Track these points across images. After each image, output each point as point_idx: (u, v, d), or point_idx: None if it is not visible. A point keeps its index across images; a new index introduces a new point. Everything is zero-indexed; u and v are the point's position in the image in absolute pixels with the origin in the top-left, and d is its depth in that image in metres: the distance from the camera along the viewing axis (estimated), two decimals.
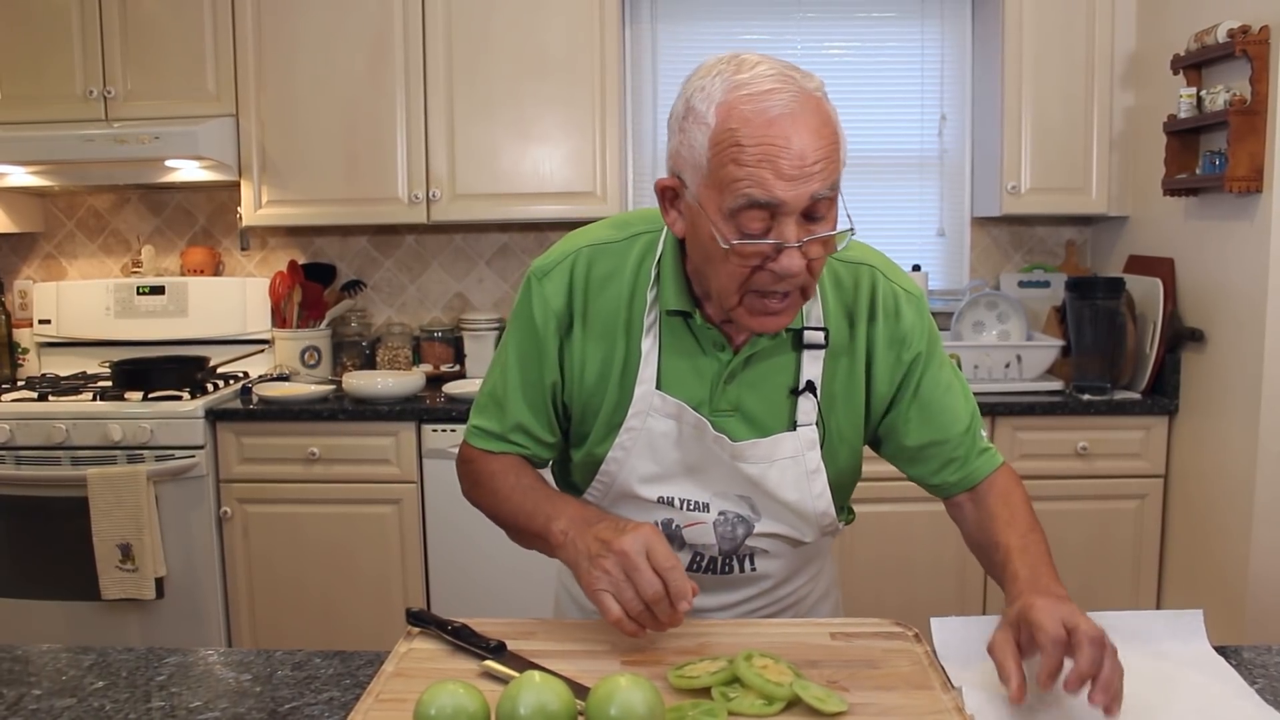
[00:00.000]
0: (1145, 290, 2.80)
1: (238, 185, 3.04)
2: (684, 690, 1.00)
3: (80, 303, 3.28)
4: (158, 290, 3.26)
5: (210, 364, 3.07)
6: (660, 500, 1.24)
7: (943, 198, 3.35)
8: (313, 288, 3.25)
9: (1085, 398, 2.76)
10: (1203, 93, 2.50)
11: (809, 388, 1.20)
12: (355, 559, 2.83)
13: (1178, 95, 2.57)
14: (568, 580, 1.42)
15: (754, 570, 1.29)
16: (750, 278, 1.07)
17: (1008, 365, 2.89)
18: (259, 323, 3.25)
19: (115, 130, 2.86)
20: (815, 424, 1.22)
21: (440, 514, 2.80)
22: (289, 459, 2.79)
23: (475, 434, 1.30)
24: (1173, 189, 2.66)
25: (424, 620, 1.16)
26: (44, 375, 3.18)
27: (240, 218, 3.08)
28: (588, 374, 1.23)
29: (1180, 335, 2.69)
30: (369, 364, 3.28)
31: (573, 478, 1.33)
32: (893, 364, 1.23)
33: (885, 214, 3.32)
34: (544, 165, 2.99)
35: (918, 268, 3.16)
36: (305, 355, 3.17)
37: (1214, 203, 2.55)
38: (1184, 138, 2.63)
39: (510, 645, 1.10)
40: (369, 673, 1.08)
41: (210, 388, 2.93)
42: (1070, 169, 2.96)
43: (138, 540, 2.66)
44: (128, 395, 2.82)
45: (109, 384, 2.92)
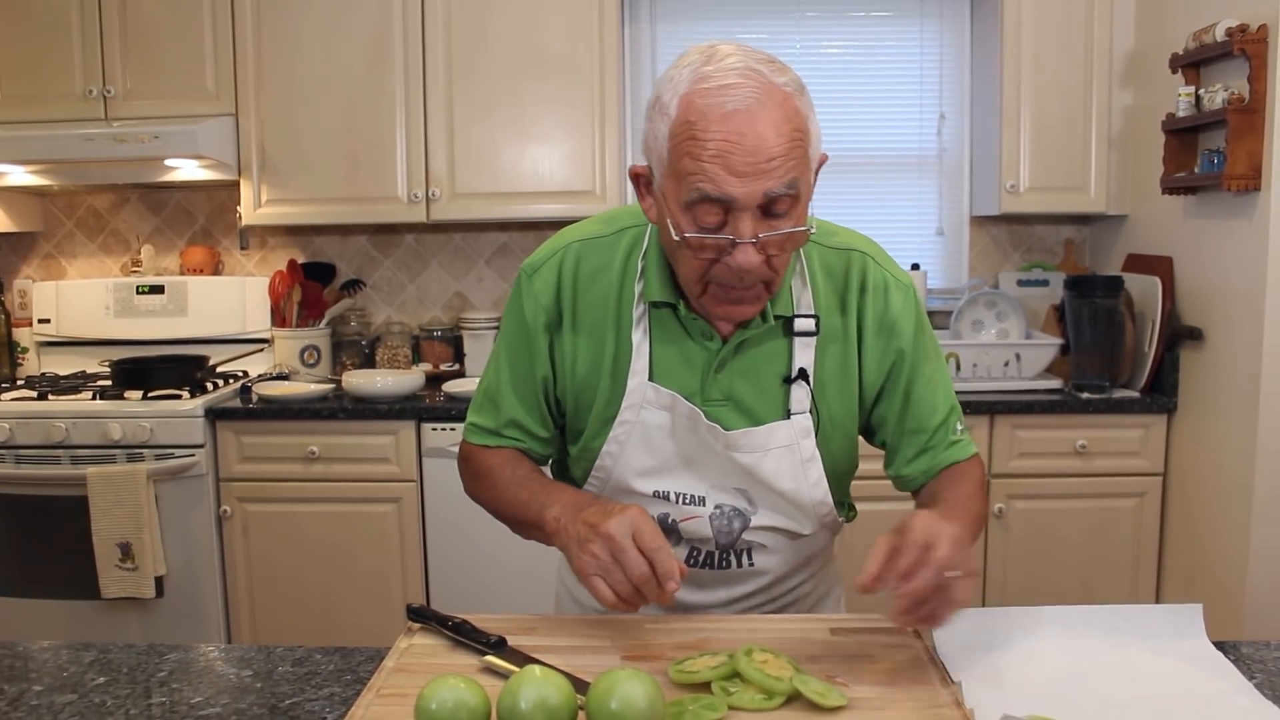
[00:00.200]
0: (1144, 289, 2.81)
1: (237, 184, 3.04)
2: (684, 685, 1.00)
3: (80, 302, 3.28)
4: (157, 289, 3.26)
5: (210, 363, 3.07)
6: (656, 495, 1.24)
7: (941, 196, 3.35)
8: (312, 287, 3.25)
9: (1084, 396, 2.76)
10: (1201, 91, 2.51)
11: (801, 375, 1.21)
12: (355, 558, 2.83)
13: (1176, 94, 2.57)
14: (567, 577, 1.43)
15: (752, 565, 1.29)
16: (709, 270, 1.08)
17: (1006, 364, 2.89)
18: (258, 322, 3.26)
19: (115, 129, 2.87)
20: (809, 411, 1.22)
21: (440, 512, 2.80)
22: (289, 458, 2.79)
23: (472, 431, 1.32)
24: (1171, 188, 2.66)
25: (424, 616, 1.16)
26: (44, 374, 3.19)
27: (240, 217, 3.09)
28: (579, 368, 1.23)
29: (1179, 334, 2.69)
30: (368, 363, 3.28)
31: (571, 473, 1.34)
32: (882, 350, 1.23)
33: (884, 213, 3.33)
34: (543, 164, 3.00)
35: (917, 266, 3.16)
36: (305, 354, 3.17)
37: (1212, 201, 2.55)
38: (1182, 136, 2.63)
39: (510, 640, 1.10)
40: (369, 668, 1.08)
41: (210, 387, 2.93)
42: (1069, 168, 2.96)
43: (137, 539, 2.66)
44: (127, 394, 2.82)
45: (109, 383, 2.92)
